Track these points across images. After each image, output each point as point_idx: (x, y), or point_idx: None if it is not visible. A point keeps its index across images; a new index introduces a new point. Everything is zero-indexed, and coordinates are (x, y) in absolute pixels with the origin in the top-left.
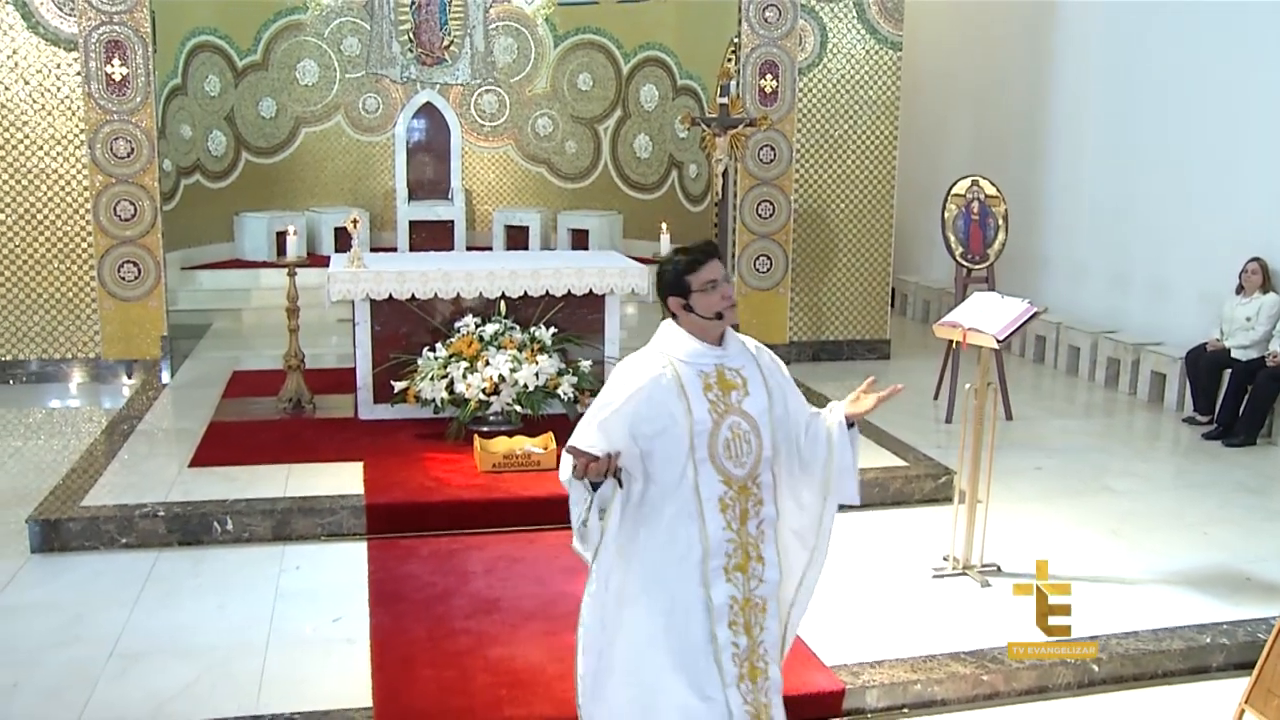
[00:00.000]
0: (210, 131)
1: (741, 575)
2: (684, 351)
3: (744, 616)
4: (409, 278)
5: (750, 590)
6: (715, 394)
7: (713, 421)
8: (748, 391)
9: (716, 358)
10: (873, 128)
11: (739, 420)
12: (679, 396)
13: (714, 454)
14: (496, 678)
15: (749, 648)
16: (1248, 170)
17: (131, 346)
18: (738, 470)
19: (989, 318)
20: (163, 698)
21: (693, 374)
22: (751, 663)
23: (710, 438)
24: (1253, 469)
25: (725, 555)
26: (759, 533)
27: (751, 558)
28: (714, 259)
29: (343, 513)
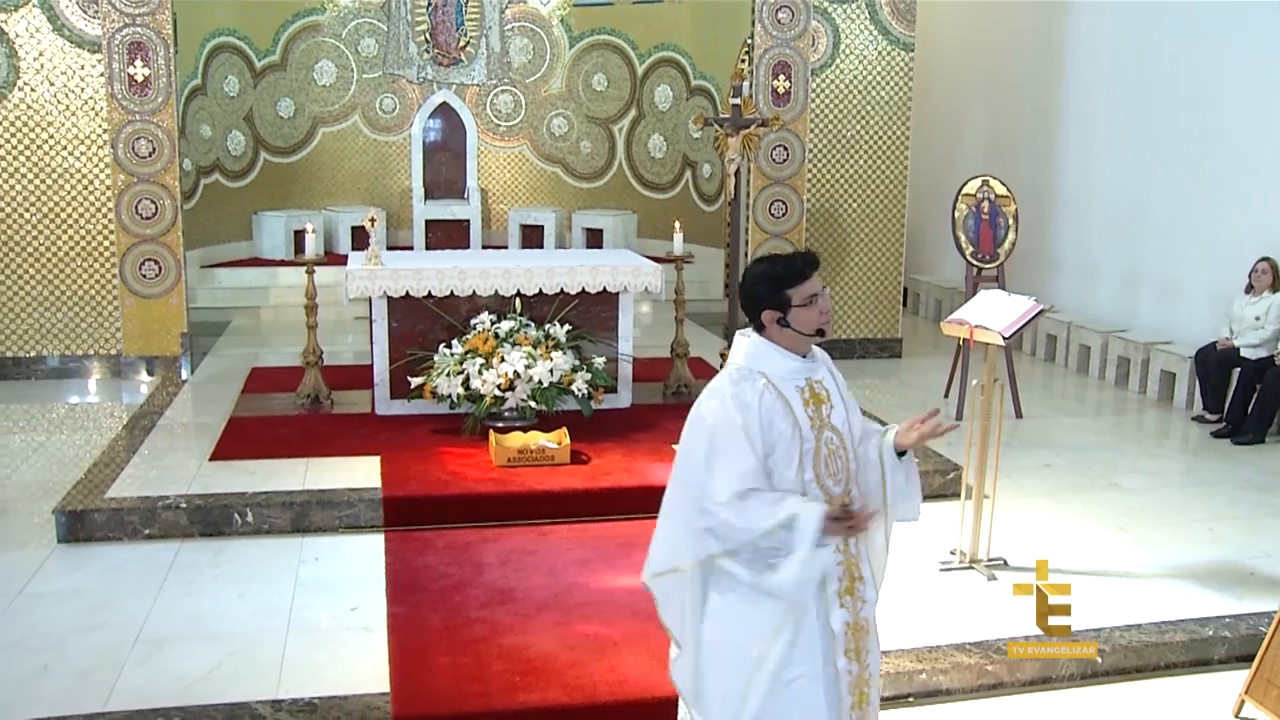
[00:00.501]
0: (229, 131)
1: (850, 599)
2: (780, 368)
3: (855, 641)
4: (425, 276)
5: (858, 613)
6: (812, 409)
7: (814, 438)
8: (833, 404)
9: (807, 371)
10: (885, 128)
11: (831, 435)
12: (786, 414)
13: (818, 473)
14: (510, 665)
15: (859, 675)
16: (1260, 169)
17: (152, 343)
18: (836, 488)
19: (996, 315)
20: (187, 681)
21: (792, 389)
22: (860, 689)
23: (815, 456)
24: (1261, 466)
25: (838, 579)
26: (858, 551)
27: (856, 578)
28: (814, 271)
29: (360, 505)
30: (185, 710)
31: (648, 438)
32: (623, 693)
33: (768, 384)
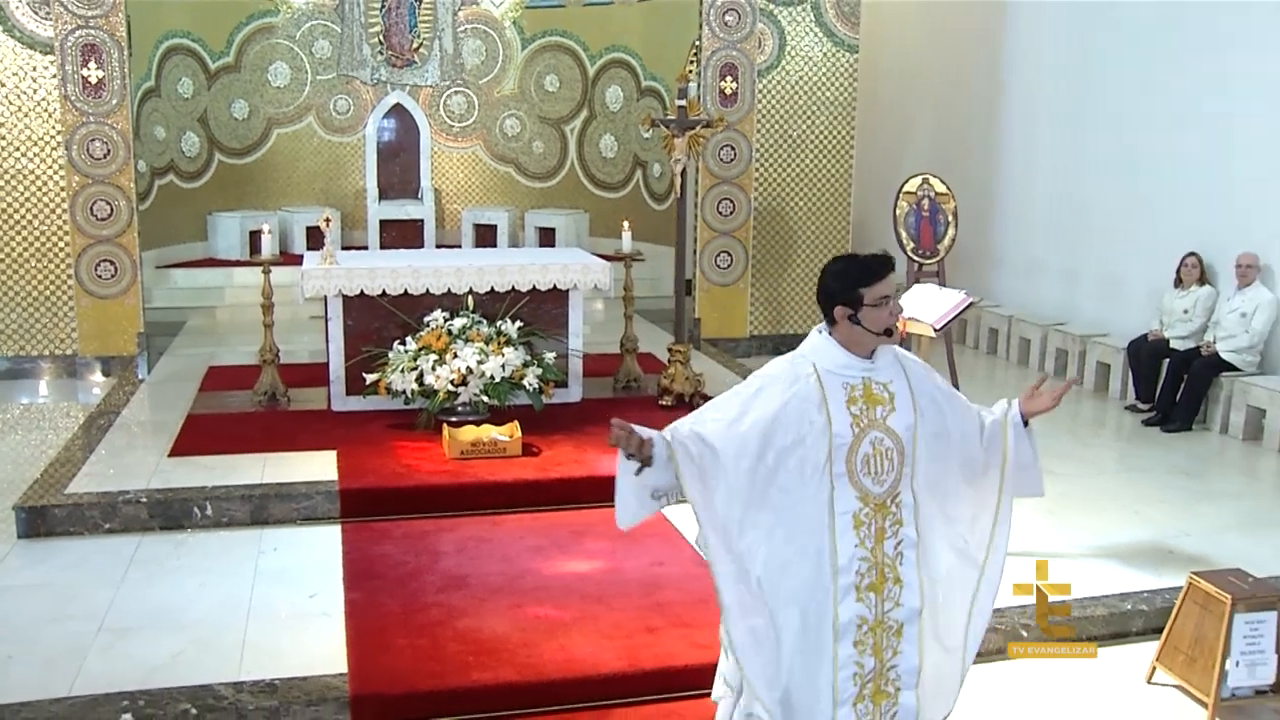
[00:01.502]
0: (184, 133)
1: (875, 596)
2: (831, 362)
3: (874, 638)
4: (380, 274)
5: (884, 612)
6: (860, 407)
7: (854, 435)
8: (894, 408)
9: (865, 370)
10: (830, 128)
11: (882, 436)
12: (819, 407)
13: (852, 469)
14: (465, 646)
15: (876, 670)
16: (1187, 170)
17: (108, 343)
18: (876, 488)
19: (927, 308)
20: (150, 666)
21: (837, 385)
22: (877, 685)
23: (849, 452)
24: (1188, 453)
25: (857, 574)
26: (897, 554)
27: (888, 579)
28: (888, 275)
29: (318, 498)
30: (149, 694)
31: (598, 430)
32: (571, 670)
33: (813, 374)
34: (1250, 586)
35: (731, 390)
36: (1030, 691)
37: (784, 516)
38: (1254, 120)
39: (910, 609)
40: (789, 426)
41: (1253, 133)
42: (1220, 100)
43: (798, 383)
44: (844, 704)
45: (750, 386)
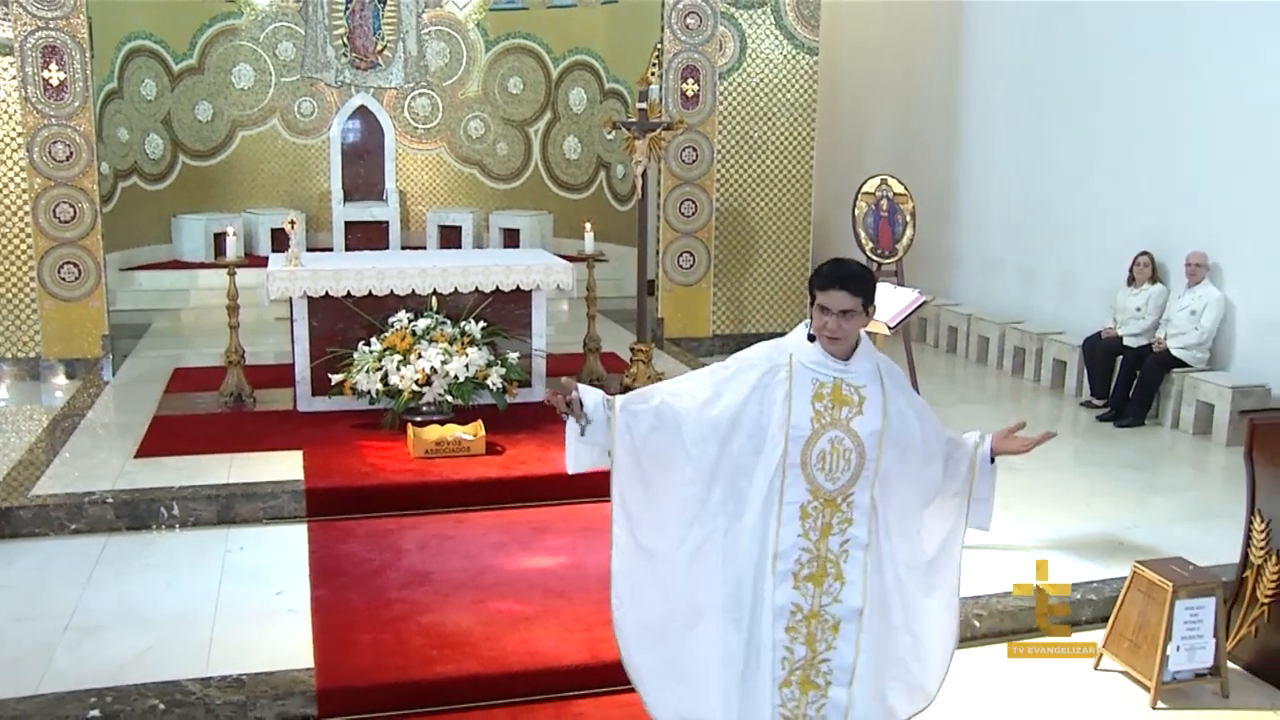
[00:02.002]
0: (147, 134)
1: (813, 587)
2: (807, 356)
3: (808, 628)
4: (344, 276)
5: (820, 605)
6: (825, 404)
7: (812, 430)
8: (861, 411)
9: (838, 371)
10: (791, 129)
11: (843, 436)
12: (785, 398)
13: (806, 462)
14: (429, 640)
15: (807, 659)
16: (1140, 169)
17: (72, 346)
18: (828, 484)
19: (882, 306)
20: (118, 664)
21: (807, 379)
22: (806, 675)
23: (805, 445)
24: (1140, 448)
25: (797, 562)
26: (842, 551)
27: (829, 574)
28: (837, 289)
29: (284, 497)
30: (117, 690)
31: (561, 429)
32: (533, 662)
33: (787, 364)
34: (1190, 574)
35: (709, 369)
36: (981, 680)
37: (739, 498)
38: (1203, 125)
39: (850, 607)
40: (754, 413)
41: (1202, 137)
42: (1171, 105)
43: (769, 372)
44: (770, 685)
45: (728, 369)
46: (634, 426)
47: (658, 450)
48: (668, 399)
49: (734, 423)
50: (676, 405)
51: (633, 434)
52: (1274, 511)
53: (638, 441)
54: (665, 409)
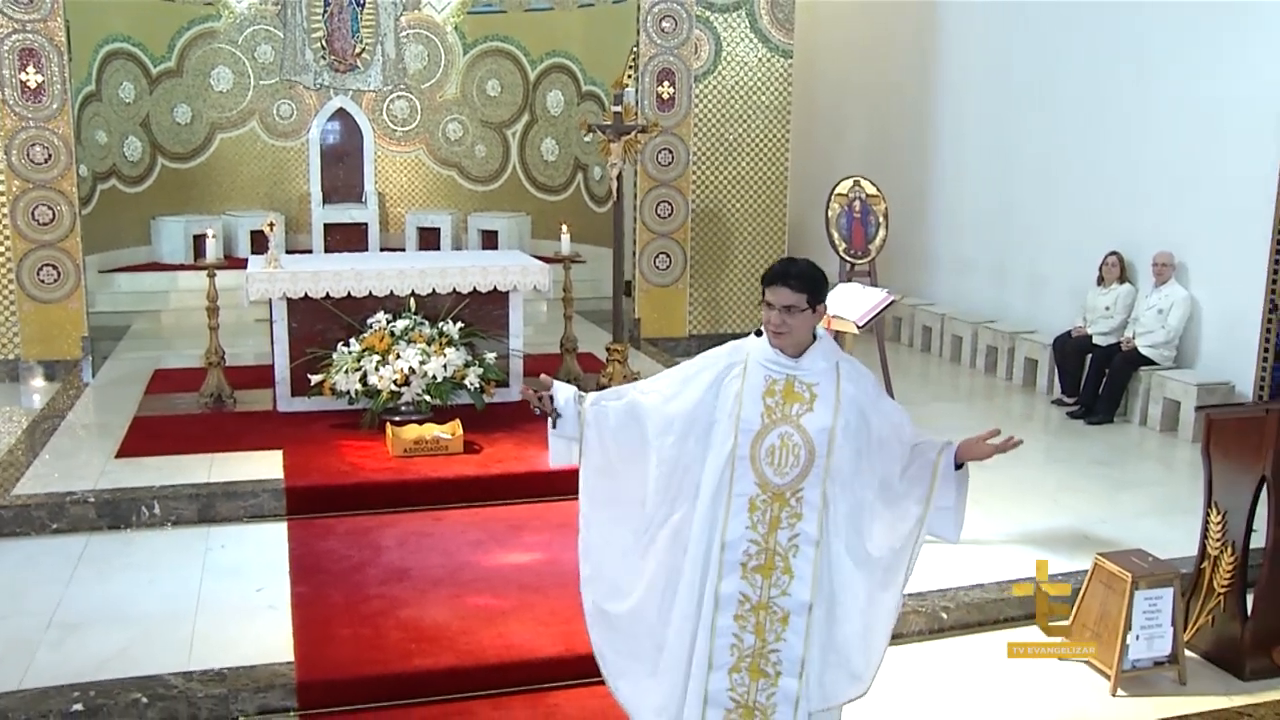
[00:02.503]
0: (126, 137)
1: (761, 579)
2: (761, 354)
3: (756, 617)
4: (323, 277)
5: (770, 597)
6: (776, 400)
7: (761, 425)
8: (812, 408)
9: (790, 368)
10: (766, 131)
11: (792, 432)
12: (736, 396)
13: (755, 456)
14: (407, 634)
15: (756, 648)
16: (1109, 171)
17: (51, 347)
18: (777, 479)
19: (851, 305)
20: (101, 659)
21: (760, 376)
22: (756, 663)
23: (755, 440)
24: (1108, 444)
25: (745, 554)
26: (791, 545)
27: (777, 567)
28: (780, 285)
29: (264, 495)
30: (99, 685)
31: (538, 428)
32: (509, 655)
33: (743, 362)
34: (1150, 565)
35: (678, 368)
36: (951, 670)
37: (695, 490)
38: (1169, 127)
39: (799, 601)
40: (710, 409)
41: (1168, 139)
42: (1138, 108)
43: (726, 369)
44: (719, 669)
45: (693, 367)
46: (603, 421)
47: (625, 444)
48: (637, 396)
49: (692, 418)
50: (644, 402)
51: (601, 428)
52: (1230, 504)
53: (606, 436)
54: (633, 405)
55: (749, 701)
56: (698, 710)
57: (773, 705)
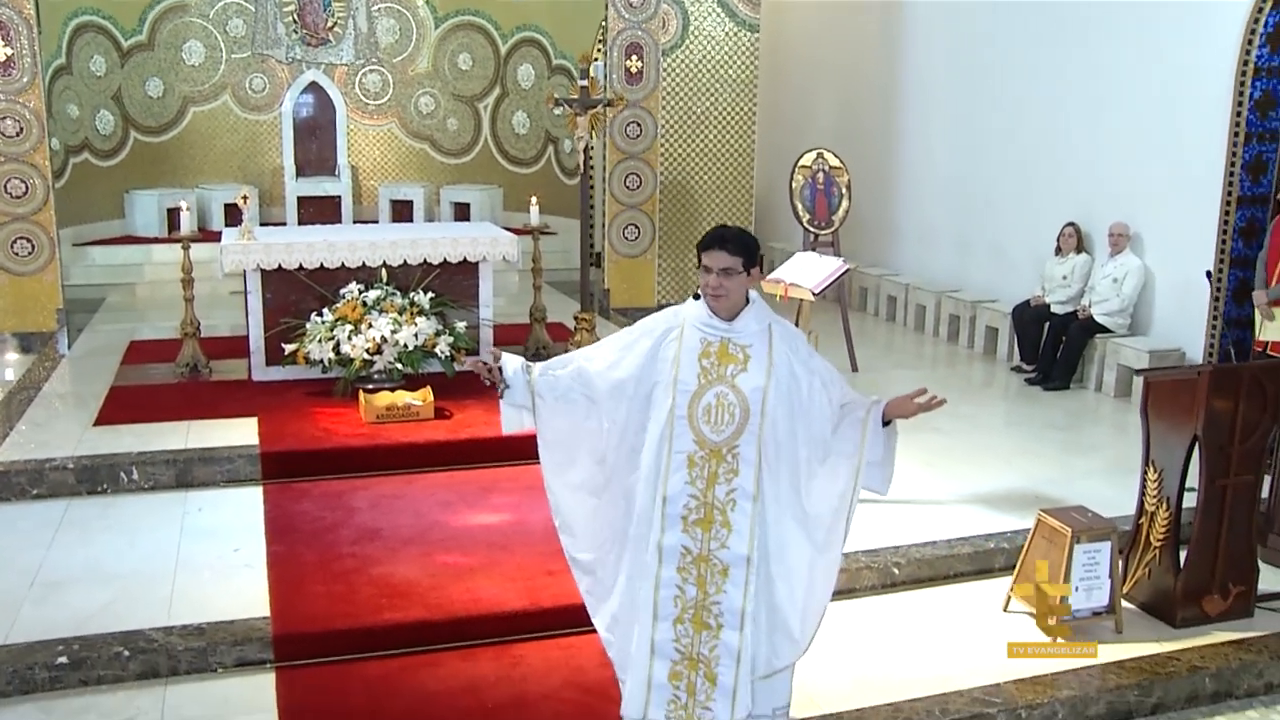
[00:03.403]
0: (98, 111)
1: (701, 532)
2: (696, 319)
3: (697, 570)
4: (297, 249)
5: (710, 550)
6: (711, 362)
7: (698, 385)
8: (746, 369)
9: (724, 331)
10: (733, 105)
11: (727, 391)
12: (674, 359)
13: (692, 415)
14: (378, 590)
15: (698, 600)
16: (1068, 144)
17: (26, 320)
18: (714, 436)
19: (808, 274)
20: (83, 616)
21: (696, 339)
22: (699, 615)
23: (692, 399)
24: (1063, 409)
25: (685, 508)
26: (729, 500)
27: (716, 521)
28: (718, 249)
29: (240, 461)
30: (83, 639)
31: None
32: (476, 609)
33: (679, 327)
34: (1089, 520)
35: (620, 333)
36: (902, 622)
37: (639, 448)
38: (1126, 102)
39: (737, 554)
40: (650, 373)
41: (1125, 113)
42: (1094, 84)
43: (664, 334)
44: (663, 620)
45: (632, 334)
46: (552, 389)
47: (574, 409)
48: (583, 364)
49: (636, 381)
50: (589, 369)
51: (550, 396)
52: (1166, 462)
53: (552, 403)
54: (579, 372)
55: (693, 653)
56: (645, 660)
57: (715, 658)
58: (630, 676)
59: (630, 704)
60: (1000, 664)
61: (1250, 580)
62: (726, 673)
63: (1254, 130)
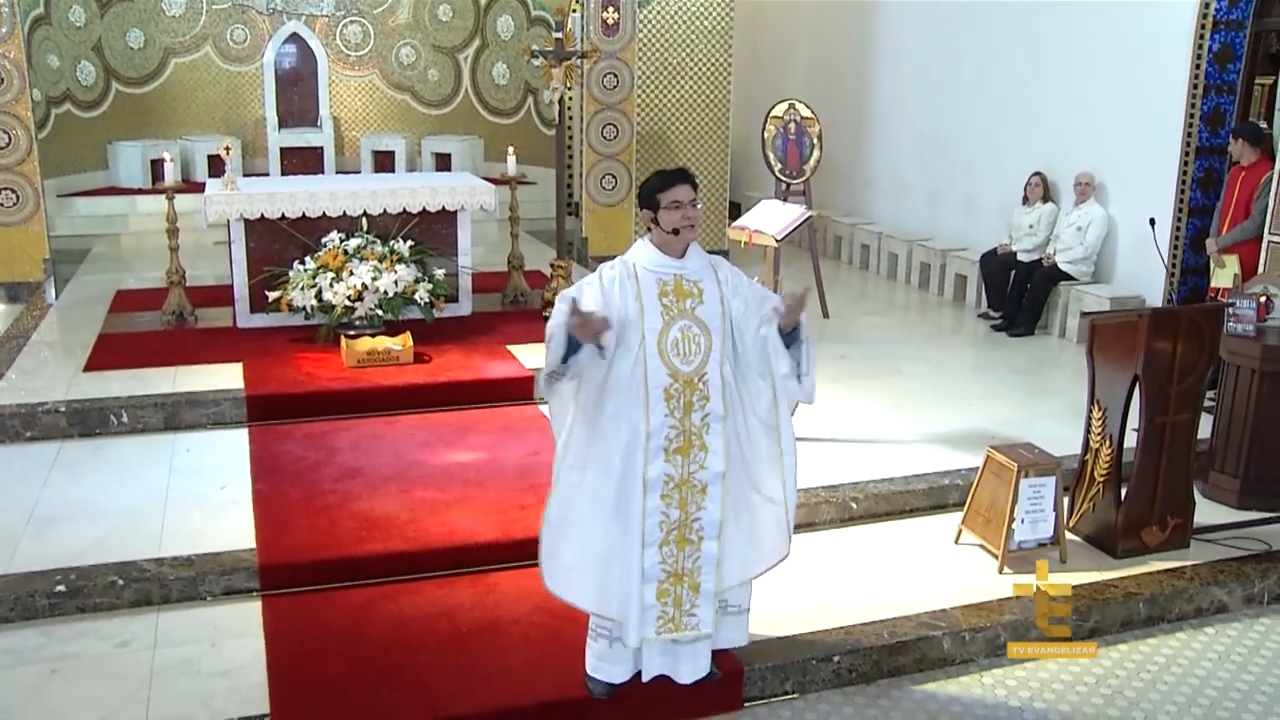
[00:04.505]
0: (79, 61)
1: (681, 458)
2: (646, 261)
3: (680, 494)
4: (279, 199)
5: (689, 472)
6: (670, 299)
7: (664, 322)
8: (702, 300)
9: (675, 269)
10: (708, 56)
11: (690, 324)
12: (635, 298)
13: (663, 350)
14: (359, 523)
15: (680, 520)
16: (1035, 96)
17: (13, 270)
18: (685, 367)
19: (771, 221)
20: (78, 549)
21: (651, 280)
22: (682, 534)
23: (660, 335)
24: (1026, 354)
25: (666, 439)
26: (703, 424)
27: (694, 446)
28: (684, 184)
29: (225, 404)
30: (79, 569)
31: (485, 340)
32: (451, 540)
33: (630, 271)
34: (1035, 456)
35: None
36: (859, 554)
37: (620, 388)
38: (1089, 56)
39: (714, 472)
40: (619, 318)
41: (1089, 67)
42: (1062, 38)
43: (618, 281)
44: (651, 546)
45: (592, 288)
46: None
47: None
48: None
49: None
50: None
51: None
52: (1109, 401)
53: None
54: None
55: (678, 569)
56: (636, 588)
57: (697, 568)
58: (623, 608)
59: (629, 632)
60: (949, 592)
61: (1187, 513)
62: (708, 580)
63: (1212, 83)
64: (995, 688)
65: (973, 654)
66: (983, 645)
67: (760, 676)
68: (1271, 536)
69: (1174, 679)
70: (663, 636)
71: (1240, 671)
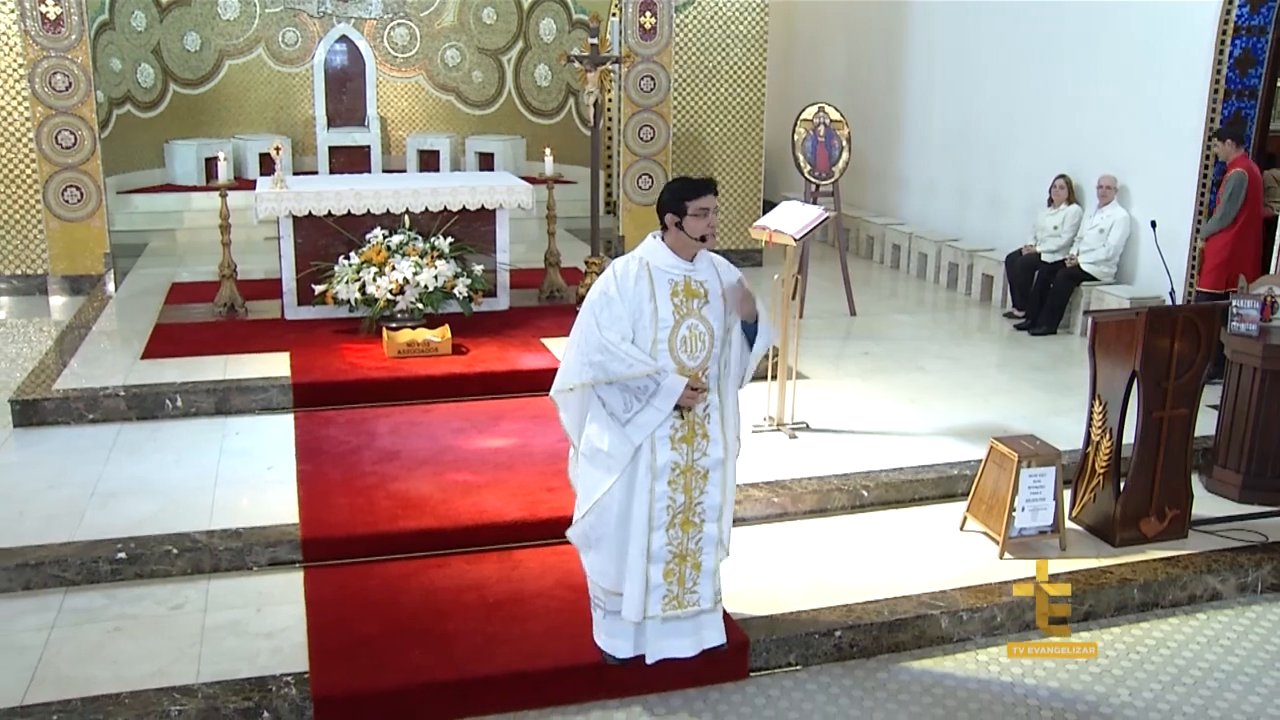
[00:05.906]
0: (139, 64)
1: (687, 446)
2: (661, 261)
3: (685, 480)
4: (326, 197)
5: (694, 460)
6: (680, 299)
7: (675, 320)
8: (708, 301)
9: (686, 270)
10: (743, 59)
11: (697, 322)
12: (650, 298)
13: (672, 347)
14: (395, 502)
15: (685, 505)
16: (1061, 98)
17: (76, 263)
18: (690, 362)
19: (790, 221)
20: (136, 519)
21: (664, 280)
22: (687, 517)
23: (671, 333)
24: (1046, 352)
25: (673, 428)
26: (705, 415)
27: (698, 434)
28: (711, 194)
29: (273, 391)
30: (138, 539)
31: (520, 334)
32: (481, 519)
33: (644, 269)
34: (1036, 447)
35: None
36: (869, 539)
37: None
38: (1114, 60)
39: (715, 458)
40: (634, 313)
41: (1112, 70)
42: (1086, 42)
43: (633, 279)
44: (658, 529)
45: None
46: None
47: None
48: (628, 345)
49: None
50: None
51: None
52: (1109, 396)
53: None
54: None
55: (683, 550)
56: (642, 567)
57: (700, 549)
58: (628, 585)
59: (630, 608)
60: (951, 574)
61: (1185, 505)
62: (709, 558)
63: (1233, 87)
64: (989, 664)
65: (970, 633)
66: (979, 625)
67: (765, 648)
68: (1269, 529)
69: (1161, 659)
70: (667, 613)
71: (1227, 654)
